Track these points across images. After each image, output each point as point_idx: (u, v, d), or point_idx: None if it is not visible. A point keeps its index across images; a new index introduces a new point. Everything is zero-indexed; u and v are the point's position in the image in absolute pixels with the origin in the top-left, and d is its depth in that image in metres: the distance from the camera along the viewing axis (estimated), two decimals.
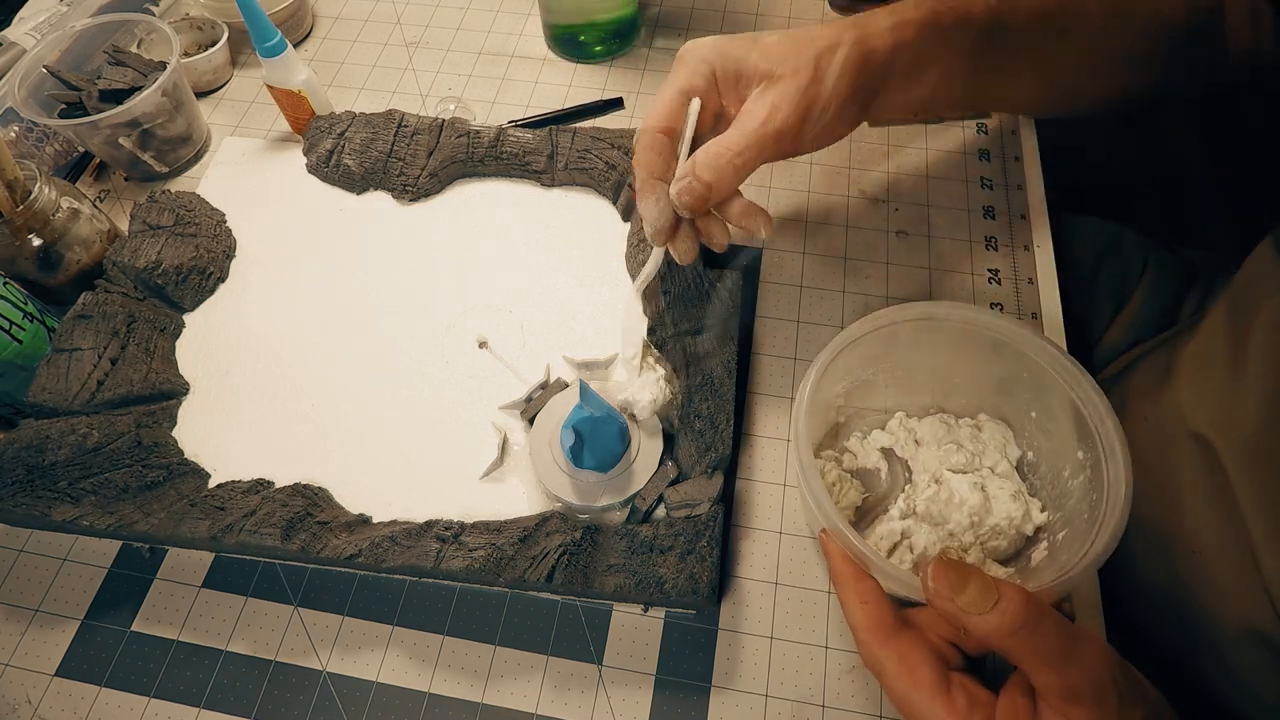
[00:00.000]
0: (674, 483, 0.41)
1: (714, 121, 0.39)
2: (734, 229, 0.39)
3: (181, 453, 0.44)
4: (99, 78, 0.54)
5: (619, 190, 0.53)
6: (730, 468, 0.43)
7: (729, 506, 0.43)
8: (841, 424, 0.44)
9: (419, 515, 0.42)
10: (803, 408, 0.36)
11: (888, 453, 0.43)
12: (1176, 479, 0.41)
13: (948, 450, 0.41)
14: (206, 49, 0.60)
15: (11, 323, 0.43)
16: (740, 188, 0.38)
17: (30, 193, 0.45)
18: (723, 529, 0.40)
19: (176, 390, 0.46)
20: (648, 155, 0.38)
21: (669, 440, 0.43)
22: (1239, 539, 0.37)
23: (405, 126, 0.55)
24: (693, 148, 0.38)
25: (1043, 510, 0.39)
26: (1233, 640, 0.38)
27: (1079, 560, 0.33)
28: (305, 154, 0.56)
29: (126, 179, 0.57)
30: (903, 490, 0.41)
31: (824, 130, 0.38)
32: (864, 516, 0.41)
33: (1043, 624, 0.28)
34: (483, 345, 0.48)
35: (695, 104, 0.38)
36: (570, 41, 0.63)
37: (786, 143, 0.37)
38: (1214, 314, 0.42)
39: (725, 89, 0.38)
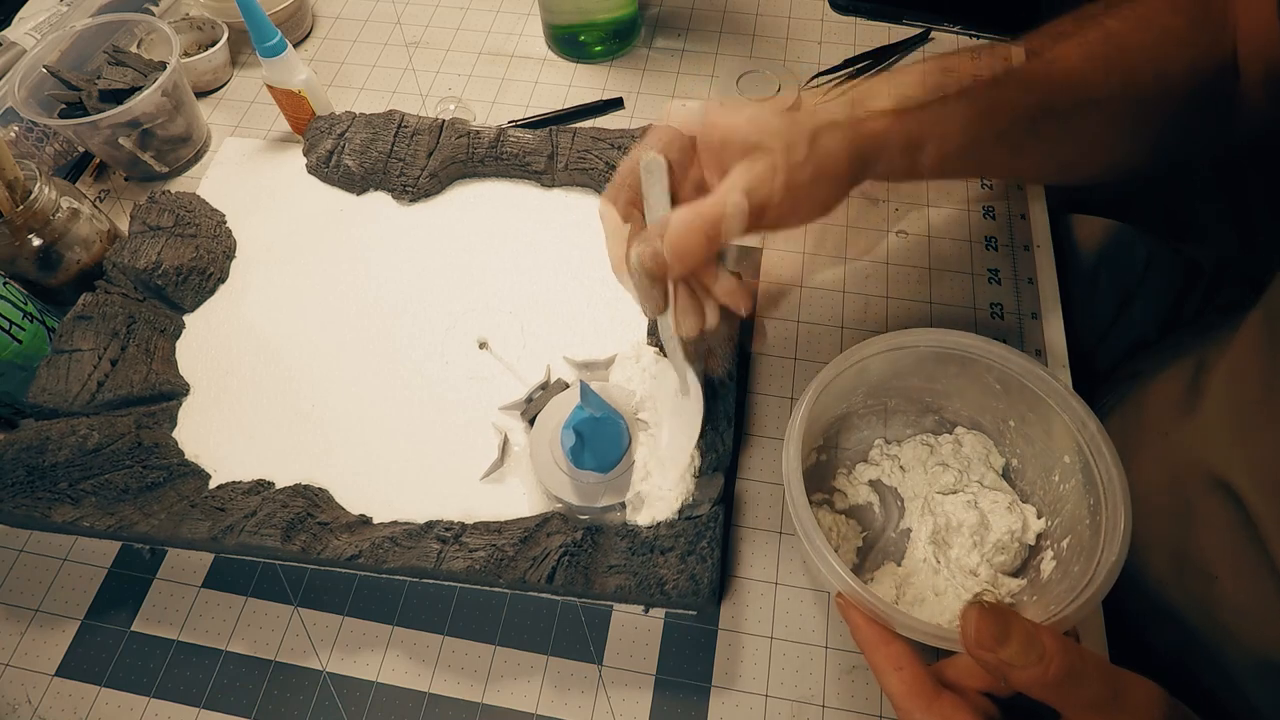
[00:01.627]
0: None
1: (694, 192, 0.36)
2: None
3: (182, 454, 0.44)
4: (99, 78, 0.54)
5: None
6: (730, 468, 0.43)
7: (729, 506, 0.43)
8: (824, 462, 0.43)
9: (419, 516, 0.42)
10: (794, 470, 0.35)
11: (876, 484, 0.43)
12: (1193, 503, 0.40)
13: (934, 471, 0.41)
14: (206, 49, 0.60)
15: (11, 323, 0.43)
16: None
17: (30, 193, 0.45)
18: (723, 529, 0.40)
19: (176, 391, 0.46)
20: (614, 242, 0.35)
21: None
22: (1262, 569, 0.36)
23: (405, 127, 0.55)
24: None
25: (1039, 516, 0.39)
26: (1249, 668, 0.37)
27: (1093, 573, 0.32)
28: (305, 154, 0.56)
29: (126, 179, 0.57)
30: (898, 520, 0.42)
31: (811, 206, 0.35)
32: (866, 556, 0.41)
33: (1085, 671, 0.27)
34: (483, 346, 0.48)
35: (651, 159, 0.34)
36: (570, 41, 0.63)
37: (768, 216, 0.33)
38: (1248, 328, 0.40)
39: (707, 158, 0.35)
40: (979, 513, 0.39)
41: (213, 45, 0.60)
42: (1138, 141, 0.43)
